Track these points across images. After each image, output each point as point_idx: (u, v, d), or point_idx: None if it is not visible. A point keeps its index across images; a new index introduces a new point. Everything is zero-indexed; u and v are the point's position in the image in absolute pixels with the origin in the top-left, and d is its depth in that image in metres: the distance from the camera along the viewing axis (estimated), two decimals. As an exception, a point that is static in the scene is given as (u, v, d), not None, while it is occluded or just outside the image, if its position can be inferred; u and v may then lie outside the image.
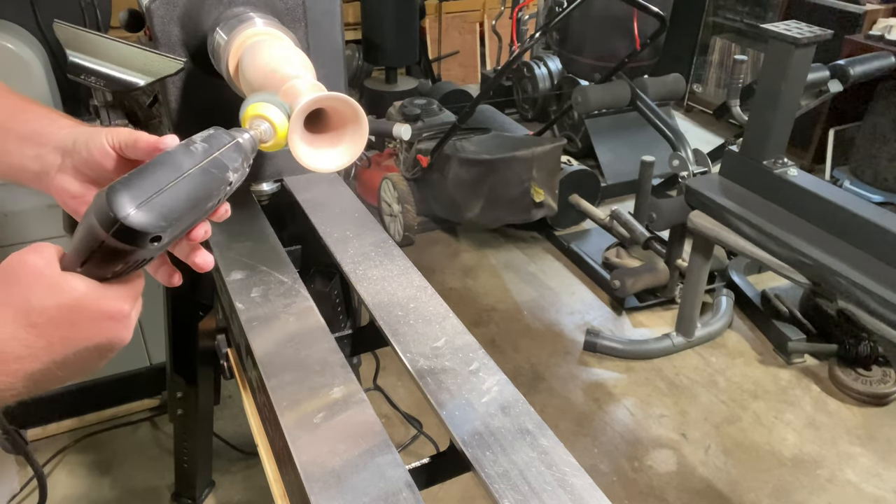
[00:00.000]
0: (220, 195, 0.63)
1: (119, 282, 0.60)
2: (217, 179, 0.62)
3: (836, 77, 2.45)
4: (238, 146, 0.65)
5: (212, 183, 0.61)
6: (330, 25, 1.19)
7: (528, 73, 4.29)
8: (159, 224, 0.56)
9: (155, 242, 0.57)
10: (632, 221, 2.76)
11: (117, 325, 0.59)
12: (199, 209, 0.61)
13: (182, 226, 0.60)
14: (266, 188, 1.26)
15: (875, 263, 1.77)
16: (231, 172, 0.63)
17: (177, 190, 0.58)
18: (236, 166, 0.64)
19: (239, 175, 0.65)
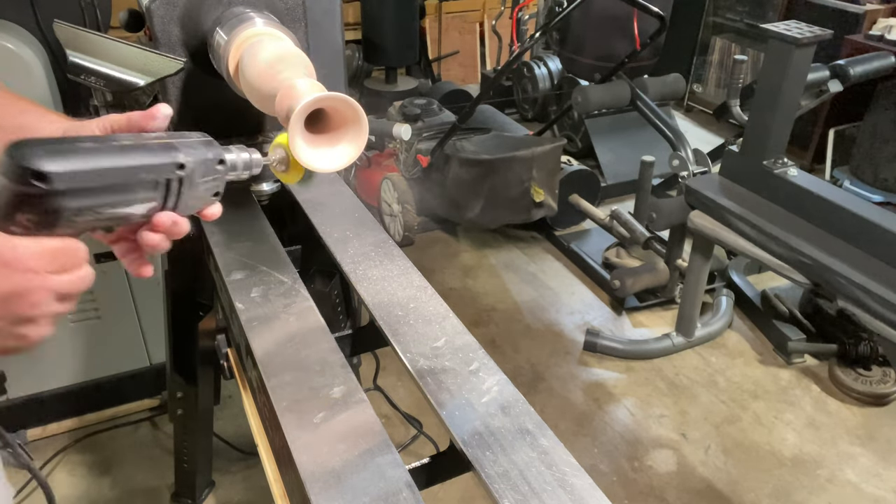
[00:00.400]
0: (164, 176, 0.61)
1: (32, 237, 0.58)
2: (157, 158, 0.60)
3: (836, 77, 2.45)
4: (210, 145, 0.65)
5: (150, 159, 0.60)
6: (330, 25, 1.19)
7: (528, 73, 4.29)
8: (57, 169, 0.54)
9: (62, 200, 0.55)
10: (632, 221, 2.76)
11: (13, 272, 0.57)
12: (130, 180, 0.59)
13: (98, 191, 0.58)
14: (266, 188, 1.26)
15: (875, 263, 1.77)
16: (182, 155, 0.62)
17: (97, 151, 0.57)
18: (191, 161, 0.63)
19: (195, 166, 0.63)
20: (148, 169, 0.61)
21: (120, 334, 2.09)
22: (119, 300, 2.04)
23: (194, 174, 0.65)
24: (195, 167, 0.64)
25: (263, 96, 0.84)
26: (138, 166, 0.60)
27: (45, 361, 2.04)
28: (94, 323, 2.05)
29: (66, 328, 2.02)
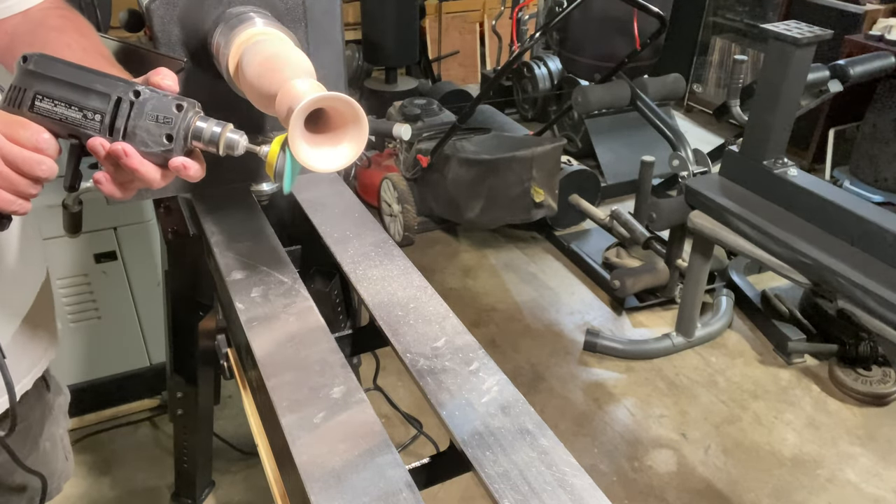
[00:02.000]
0: (117, 93, 0.71)
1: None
2: (116, 79, 0.71)
3: (836, 77, 2.45)
4: (184, 108, 0.73)
5: (110, 77, 0.71)
6: (330, 25, 1.19)
7: (528, 73, 4.29)
8: (35, 56, 0.70)
9: (25, 66, 0.70)
10: (632, 221, 2.76)
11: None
12: (85, 88, 0.71)
13: (62, 82, 0.70)
14: (266, 188, 1.26)
15: (875, 263, 1.77)
16: (141, 87, 0.71)
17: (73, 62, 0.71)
18: (148, 93, 0.72)
19: (150, 98, 0.72)
20: (105, 82, 0.71)
21: (120, 334, 2.09)
22: (119, 300, 2.04)
23: (146, 104, 0.71)
24: (149, 99, 0.72)
25: (263, 96, 0.84)
26: (97, 76, 0.71)
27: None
28: (94, 323, 2.05)
29: (66, 328, 2.02)
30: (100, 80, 0.71)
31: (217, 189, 1.21)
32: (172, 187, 1.18)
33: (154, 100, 0.72)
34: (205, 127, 0.74)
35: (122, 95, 0.71)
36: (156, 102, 0.72)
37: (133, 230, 1.98)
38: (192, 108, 0.74)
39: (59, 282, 1.95)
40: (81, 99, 0.71)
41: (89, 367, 2.11)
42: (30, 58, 0.70)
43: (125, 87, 0.71)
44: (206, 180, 1.19)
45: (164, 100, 0.72)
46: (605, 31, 3.22)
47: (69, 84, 0.71)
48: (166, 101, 0.72)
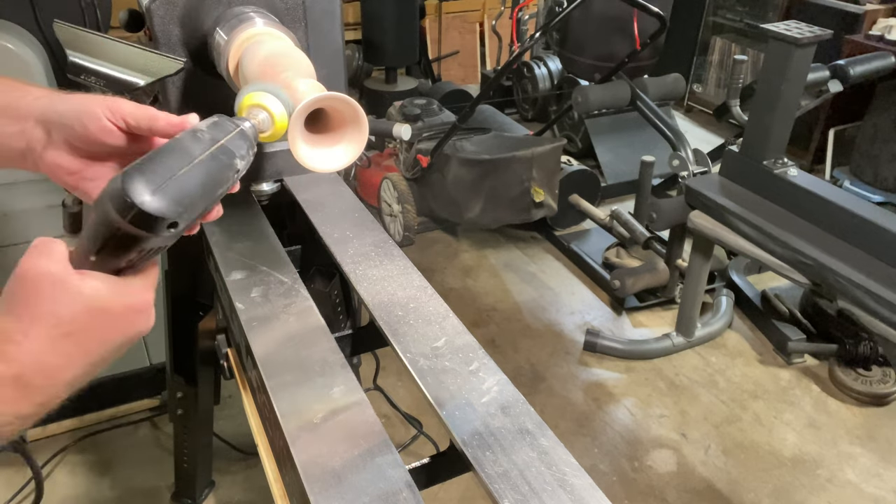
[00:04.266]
0: (229, 181, 0.63)
1: (138, 273, 0.60)
2: (226, 166, 0.62)
3: (836, 77, 2.45)
4: (242, 134, 0.65)
5: (221, 169, 0.62)
6: (330, 25, 1.19)
7: (528, 73, 4.29)
8: (176, 210, 0.56)
9: (171, 229, 0.57)
10: (632, 221, 2.76)
11: (143, 315, 0.60)
12: (211, 195, 0.61)
13: (196, 211, 0.60)
14: (266, 188, 1.26)
15: (875, 263, 1.77)
16: (238, 160, 0.63)
17: (190, 176, 0.58)
18: (242, 153, 0.64)
19: (245, 162, 0.65)
20: (222, 184, 0.63)
21: (120, 334, 2.09)
22: (119, 300, 2.04)
23: None
24: (243, 168, 0.66)
25: (263, 96, 0.84)
26: (216, 183, 0.62)
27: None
28: (94, 323, 2.04)
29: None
30: (218, 184, 0.63)
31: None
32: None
33: (245, 160, 0.65)
34: (254, 133, 0.68)
35: (230, 182, 0.64)
36: (245, 163, 0.65)
37: (133, 230, 1.97)
38: (251, 132, 0.68)
39: (59, 282, 1.95)
40: (210, 202, 0.63)
41: (89, 367, 2.11)
42: (173, 222, 0.59)
43: (231, 174, 0.64)
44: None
45: (248, 153, 0.66)
46: (605, 31, 3.22)
47: (200, 197, 0.61)
48: (249, 153, 0.66)
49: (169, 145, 0.60)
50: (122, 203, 0.54)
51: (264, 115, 0.71)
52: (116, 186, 0.55)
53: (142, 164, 0.57)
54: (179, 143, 0.60)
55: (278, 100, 0.72)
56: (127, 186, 0.54)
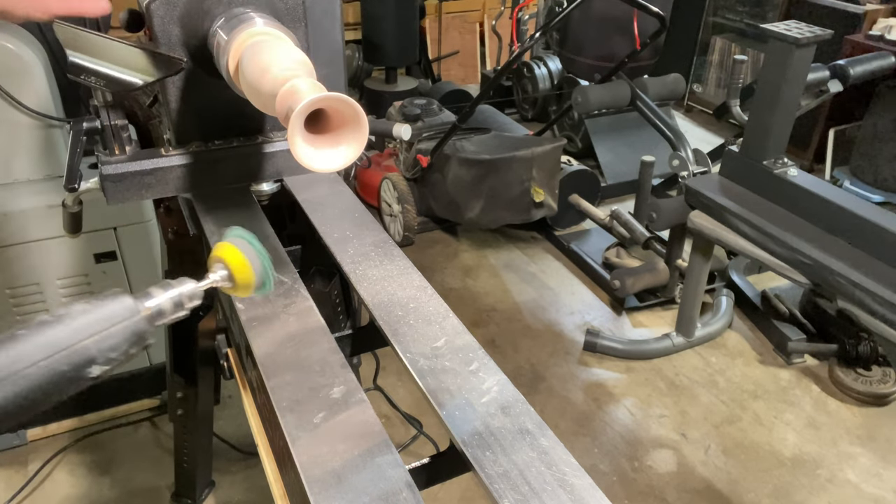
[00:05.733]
0: (69, 391, 0.53)
1: None
2: (68, 378, 0.51)
3: (836, 77, 2.45)
4: (126, 331, 0.54)
5: (58, 381, 0.51)
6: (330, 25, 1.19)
7: (528, 73, 4.29)
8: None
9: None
10: (632, 221, 2.76)
11: None
12: (32, 407, 0.51)
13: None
14: (266, 188, 1.26)
15: (875, 263, 1.77)
16: (95, 367, 0.53)
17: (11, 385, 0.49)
18: (112, 357, 0.54)
19: (111, 366, 0.54)
20: (52, 394, 0.52)
21: (120, 334, 2.09)
22: (119, 300, 2.04)
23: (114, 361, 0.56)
24: (112, 360, 0.55)
25: (263, 96, 0.84)
26: (45, 396, 0.52)
27: (45, 361, 2.04)
28: (94, 323, 2.04)
29: (66, 328, 2.02)
30: (58, 380, 0.53)
31: (217, 189, 1.21)
32: (173, 187, 1.18)
33: (116, 355, 0.56)
34: (163, 307, 0.60)
35: (98, 374, 0.56)
36: (118, 352, 0.56)
37: (133, 230, 1.98)
38: (144, 323, 0.58)
39: (59, 282, 1.95)
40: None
41: (89, 367, 2.11)
42: None
43: (77, 373, 0.54)
44: (207, 180, 1.19)
45: (125, 347, 0.56)
46: (605, 31, 3.22)
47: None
48: (127, 345, 0.57)
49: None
50: None
51: (224, 272, 0.64)
52: None
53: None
54: (13, 349, 0.50)
55: (243, 252, 0.65)
56: None
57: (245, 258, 0.65)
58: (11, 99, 1.75)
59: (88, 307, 0.53)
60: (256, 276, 0.65)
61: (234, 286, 0.65)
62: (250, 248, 0.65)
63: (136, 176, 1.14)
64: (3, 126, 1.77)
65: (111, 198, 1.14)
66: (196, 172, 1.17)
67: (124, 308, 0.55)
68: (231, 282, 0.65)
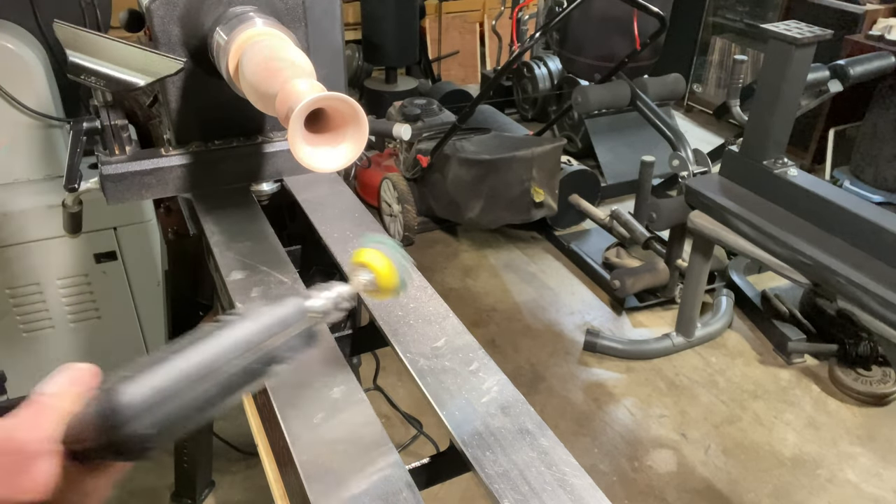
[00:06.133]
0: (248, 389, 0.56)
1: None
2: (252, 380, 0.55)
3: (836, 77, 2.45)
4: (302, 332, 0.57)
5: (244, 383, 0.54)
6: (330, 25, 1.19)
7: (528, 73, 4.29)
8: (159, 441, 0.50)
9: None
10: (632, 221, 2.76)
11: None
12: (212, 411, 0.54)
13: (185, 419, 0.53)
14: (266, 188, 1.27)
15: (875, 263, 1.77)
16: (278, 366, 0.56)
17: (196, 407, 0.51)
18: (291, 356, 0.57)
19: (289, 363, 0.57)
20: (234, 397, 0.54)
21: (120, 334, 2.09)
22: (119, 300, 2.04)
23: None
24: (290, 359, 0.58)
25: (263, 96, 0.84)
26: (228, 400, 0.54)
27: (45, 361, 2.05)
28: (94, 323, 2.04)
29: (66, 328, 2.02)
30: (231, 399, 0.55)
31: (217, 189, 1.21)
32: (173, 187, 1.18)
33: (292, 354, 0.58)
34: (326, 310, 0.61)
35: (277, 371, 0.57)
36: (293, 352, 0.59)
37: (133, 230, 1.98)
38: (311, 322, 0.60)
39: (59, 282, 1.95)
40: None
41: (89, 367, 2.11)
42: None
43: (256, 378, 0.56)
44: (207, 180, 1.19)
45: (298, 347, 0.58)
46: (605, 31, 3.22)
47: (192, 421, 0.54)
48: (300, 346, 0.58)
49: (198, 349, 0.52)
50: (104, 430, 0.48)
51: (369, 276, 0.68)
52: (105, 412, 0.48)
53: (142, 386, 0.49)
54: (209, 350, 0.52)
55: (386, 256, 0.68)
56: (114, 422, 0.48)
57: (388, 262, 0.69)
58: (11, 99, 1.75)
59: (268, 309, 0.58)
60: (398, 279, 0.69)
61: (377, 289, 0.69)
62: (392, 253, 0.69)
63: (136, 176, 1.14)
64: (3, 126, 1.77)
65: (111, 198, 1.14)
66: (196, 172, 1.17)
67: (298, 310, 0.59)
68: (374, 285, 0.69)
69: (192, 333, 0.54)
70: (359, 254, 0.69)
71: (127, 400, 0.48)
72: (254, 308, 0.58)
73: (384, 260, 0.68)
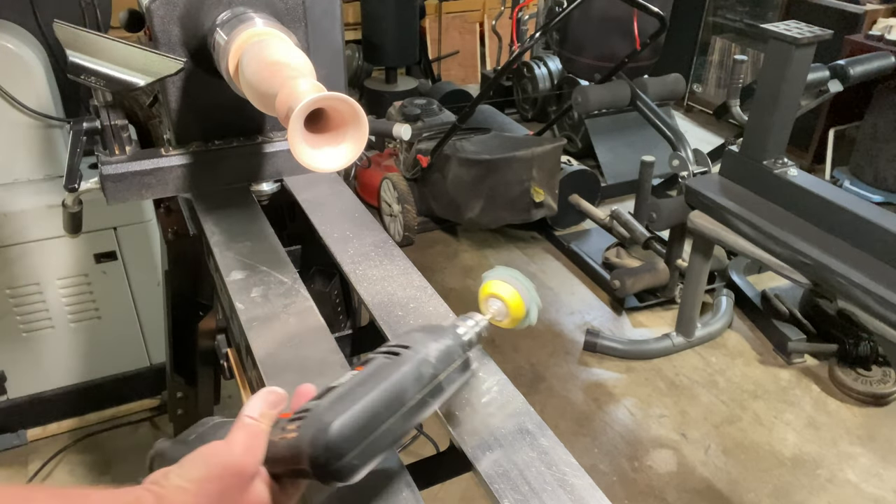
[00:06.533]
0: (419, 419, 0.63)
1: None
2: (427, 408, 0.62)
3: (836, 77, 2.45)
4: (464, 364, 0.65)
5: (421, 413, 0.62)
6: (330, 25, 1.19)
7: (528, 73, 4.29)
8: (361, 470, 0.58)
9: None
10: (632, 221, 2.76)
11: None
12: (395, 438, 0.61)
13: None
14: (266, 188, 1.26)
15: (875, 263, 1.77)
16: (443, 395, 0.63)
17: (390, 432, 0.59)
18: (453, 387, 0.64)
19: (450, 393, 0.65)
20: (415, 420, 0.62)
21: (120, 334, 2.09)
22: (119, 300, 2.04)
23: None
24: (451, 392, 0.65)
25: (263, 96, 0.84)
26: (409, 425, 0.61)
27: (45, 361, 2.05)
28: (94, 323, 2.05)
29: (66, 328, 2.02)
30: (424, 409, 0.63)
31: (217, 189, 1.21)
32: (173, 187, 1.18)
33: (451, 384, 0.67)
34: (474, 339, 0.70)
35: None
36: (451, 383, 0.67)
37: (133, 230, 1.98)
38: (467, 352, 0.68)
39: (59, 282, 1.95)
40: None
41: (89, 367, 2.11)
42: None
43: (431, 403, 0.65)
44: (207, 180, 1.19)
45: (458, 376, 0.67)
46: (605, 31, 3.22)
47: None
48: (460, 375, 0.67)
49: (387, 386, 0.59)
50: (317, 463, 0.55)
51: (499, 304, 0.73)
52: (318, 447, 0.55)
53: (349, 422, 0.56)
54: (396, 386, 0.59)
55: (514, 287, 0.73)
56: (327, 456, 0.55)
57: (518, 293, 0.74)
58: (11, 99, 1.75)
59: (434, 343, 0.64)
60: (527, 309, 0.74)
61: (508, 318, 0.75)
62: (520, 284, 0.75)
63: (136, 176, 1.14)
64: (3, 126, 1.77)
65: (111, 198, 1.14)
66: (196, 172, 1.17)
67: (459, 343, 0.65)
68: (505, 314, 0.74)
69: (372, 364, 0.62)
70: (489, 285, 0.75)
71: (336, 436, 0.55)
72: (420, 340, 0.64)
73: (513, 290, 0.74)
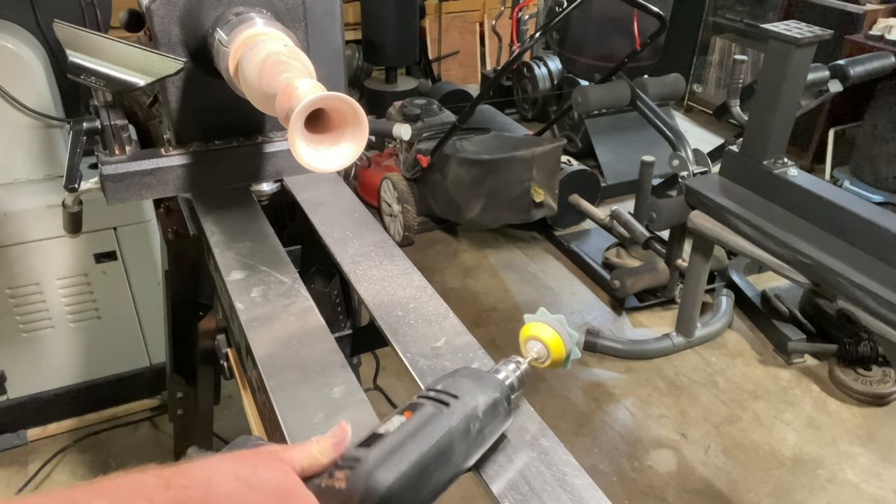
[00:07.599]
0: None
1: None
2: (470, 456, 0.65)
3: (836, 77, 2.45)
4: (506, 412, 0.68)
5: (465, 461, 0.64)
6: (330, 25, 1.19)
7: (528, 73, 4.29)
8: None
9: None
10: (632, 221, 2.76)
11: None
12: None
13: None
14: (266, 188, 1.26)
15: (875, 263, 1.77)
16: (485, 444, 0.66)
17: (438, 479, 0.61)
18: (495, 434, 0.68)
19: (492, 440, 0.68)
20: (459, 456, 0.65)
21: (120, 334, 2.09)
22: (119, 300, 2.04)
23: None
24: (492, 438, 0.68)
25: (263, 96, 0.84)
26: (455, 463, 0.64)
27: (45, 361, 2.05)
28: (94, 323, 2.05)
29: (66, 328, 2.02)
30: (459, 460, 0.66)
31: (217, 189, 1.21)
32: (173, 187, 1.18)
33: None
34: (515, 383, 0.74)
35: None
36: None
37: (133, 230, 1.98)
38: (506, 391, 0.71)
39: (59, 282, 1.95)
40: None
41: (89, 367, 2.11)
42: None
43: (475, 450, 0.68)
44: (207, 180, 1.19)
45: (498, 417, 0.69)
46: (605, 31, 3.22)
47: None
48: (499, 415, 0.69)
49: (438, 442, 0.62)
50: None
51: (540, 346, 0.76)
52: (372, 495, 0.56)
53: (401, 480, 0.58)
54: (446, 440, 0.62)
55: (554, 330, 0.76)
56: (377, 493, 0.57)
57: (558, 335, 0.77)
58: (11, 99, 1.75)
59: (484, 395, 0.67)
60: (568, 351, 0.77)
61: (549, 360, 0.77)
62: (560, 327, 0.77)
63: (136, 176, 1.14)
64: (3, 126, 1.77)
65: (111, 198, 1.14)
66: (196, 172, 1.17)
67: (504, 396, 0.68)
68: (546, 357, 0.77)
69: (421, 413, 0.67)
70: (529, 327, 0.77)
71: (389, 495, 0.57)
72: (468, 390, 0.67)
73: (554, 332, 0.77)
